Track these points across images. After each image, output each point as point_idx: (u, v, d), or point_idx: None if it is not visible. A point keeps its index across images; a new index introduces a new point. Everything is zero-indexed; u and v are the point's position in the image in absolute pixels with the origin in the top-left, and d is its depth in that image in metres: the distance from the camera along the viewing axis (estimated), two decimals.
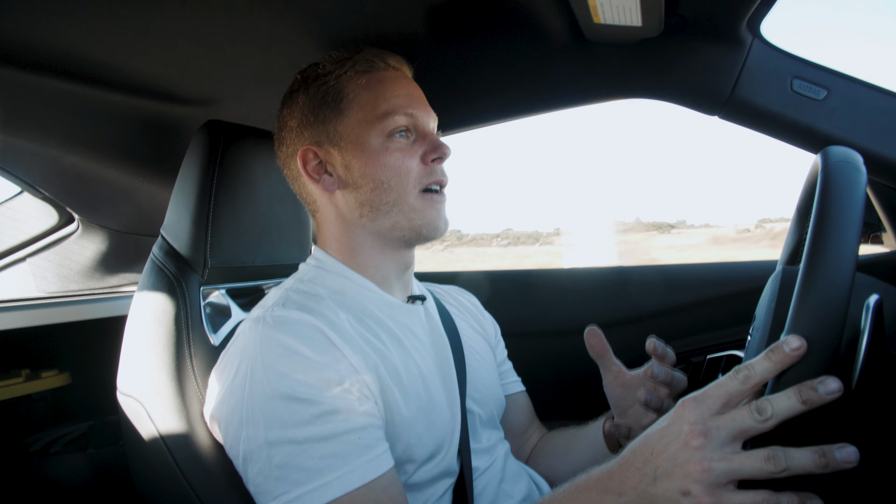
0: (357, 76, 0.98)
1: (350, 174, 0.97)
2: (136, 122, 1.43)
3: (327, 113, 0.98)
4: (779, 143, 1.16)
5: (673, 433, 0.64)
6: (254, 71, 1.27)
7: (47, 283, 1.86)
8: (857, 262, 0.63)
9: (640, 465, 0.66)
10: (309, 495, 0.76)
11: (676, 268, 1.62)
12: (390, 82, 0.99)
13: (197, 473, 0.97)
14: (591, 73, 1.28)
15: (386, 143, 0.96)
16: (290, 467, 0.78)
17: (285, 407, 0.79)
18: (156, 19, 1.04)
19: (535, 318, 1.72)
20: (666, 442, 0.64)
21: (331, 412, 0.80)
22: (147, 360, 1.04)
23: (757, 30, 1.12)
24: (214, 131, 1.09)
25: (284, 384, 0.80)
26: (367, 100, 0.97)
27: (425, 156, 0.97)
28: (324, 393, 0.80)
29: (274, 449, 0.78)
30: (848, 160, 0.71)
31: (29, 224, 1.76)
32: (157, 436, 1.01)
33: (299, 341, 0.84)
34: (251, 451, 0.80)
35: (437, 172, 0.98)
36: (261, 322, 0.86)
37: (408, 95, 0.99)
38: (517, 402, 1.24)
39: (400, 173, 0.96)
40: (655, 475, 0.64)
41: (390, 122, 0.95)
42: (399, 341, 0.96)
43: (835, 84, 1.10)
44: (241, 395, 0.82)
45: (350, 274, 1.00)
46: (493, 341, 1.25)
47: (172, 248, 1.11)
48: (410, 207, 0.96)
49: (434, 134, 1.01)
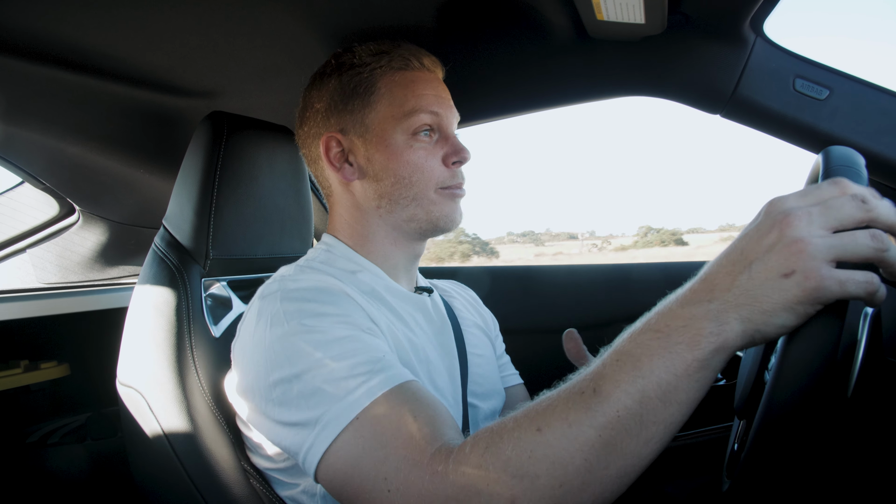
0: (391, 72, 1.00)
1: (371, 166, 0.99)
2: (138, 114, 1.43)
3: (357, 103, 0.99)
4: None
5: (765, 225, 0.58)
6: (257, 64, 1.27)
7: (47, 273, 1.86)
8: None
9: (730, 267, 0.59)
10: (348, 406, 0.74)
11: (677, 265, 1.62)
12: (422, 82, 1.00)
13: (197, 464, 0.97)
14: (594, 70, 1.28)
15: (410, 140, 0.98)
16: (322, 389, 0.76)
17: (307, 339, 0.78)
18: (160, 11, 1.04)
19: (535, 314, 1.72)
20: (758, 235, 0.58)
21: (352, 338, 0.80)
22: (147, 350, 1.04)
23: (760, 28, 1.12)
24: (218, 122, 1.09)
25: (304, 322, 0.80)
26: (397, 96, 0.98)
27: (446, 158, 0.99)
28: (344, 326, 0.81)
29: (303, 380, 0.77)
30: (848, 160, 0.71)
31: (30, 214, 1.76)
32: (157, 426, 1.01)
33: (319, 294, 0.85)
34: (283, 392, 0.78)
35: (458, 176, 1.01)
36: (279, 288, 0.86)
37: (436, 96, 1.00)
38: (516, 395, 1.24)
39: (422, 171, 0.98)
40: (749, 266, 0.58)
41: (416, 120, 0.97)
42: (407, 325, 0.97)
43: (837, 84, 1.10)
44: (262, 346, 0.81)
45: (360, 260, 1.01)
46: (493, 336, 1.25)
47: (174, 239, 1.11)
48: (430, 201, 0.99)
49: (456, 137, 1.02)
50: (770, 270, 0.56)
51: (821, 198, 0.58)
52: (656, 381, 0.60)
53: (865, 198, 0.57)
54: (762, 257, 0.57)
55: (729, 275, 0.59)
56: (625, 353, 0.63)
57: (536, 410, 0.66)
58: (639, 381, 0.60)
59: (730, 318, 0.58)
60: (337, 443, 0.73)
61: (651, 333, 0.61)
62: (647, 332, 0.62)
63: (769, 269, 0.56)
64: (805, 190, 0.59)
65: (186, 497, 0.98)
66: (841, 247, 0.55)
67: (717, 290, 0.59)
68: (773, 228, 0.57)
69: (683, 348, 0.59)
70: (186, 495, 0.98)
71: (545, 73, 1.33)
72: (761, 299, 0.57)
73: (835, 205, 0.57)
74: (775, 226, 0.57)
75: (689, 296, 0.61)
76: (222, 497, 0.97)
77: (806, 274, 0.55)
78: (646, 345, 0.61)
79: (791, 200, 0.58)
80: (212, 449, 0.97)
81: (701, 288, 0.60)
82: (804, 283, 0.55)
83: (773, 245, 0.57)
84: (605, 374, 0.63)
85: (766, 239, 0.57)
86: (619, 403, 0.61)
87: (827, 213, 0.56)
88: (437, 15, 1.16)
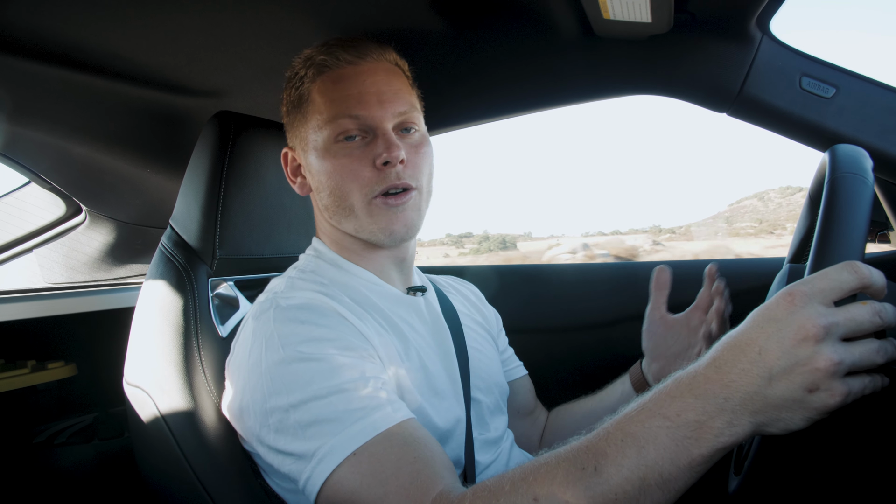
0: (318, 78, 0.96)
1: (314, 179, 0.99)
2: (145, 113, 1.43)
3: (296, 116, 1.00)
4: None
5: (785, 329, 0.58)
6: (263, 64, 1.27)
7: (54, 273, 1.87)
8: (864, 261, 0.63)
9: (747, 365, 0.59)
10: (344, 442, 0.75)
11: (684, 264, 1.61)
12: (343, 82, 0.94)
13: (204, 464, 0.97)
14: (600, 69, 1.28)
15: (334, 148, 0.94)
16: (319, 422, 0.77)
17: (305, 368, 0.79)
18: (167, 11, 1.04)
19: (542, 313, 1.72)
20: (778, 339, 0.58)
21: (350, 366, 0.80)
22: (155, 350, 1.04)
23: (766, 27, 1.12)
24: (225, 122, 1.09)
25: (300, 349, 0.80)
26: (319, 104, 0.95)
27: (376, 159, 0.92)
28: (341, 353, 0.81)
29: (300, 410, 0.78)
30: (856, 161, 0.71)
31: (36, 214, 1.76)
32: (165, 426, 1.01)
33: (312, 315, 0.85)
34: (280, 420, 0.79)
35: (391, 177, 0.93)
36: (271, 305, 0.87)
37: (358, 94, 0.93)
38: (522, 385, 1.25)
39: (347, 180, 0.93)
40: (770, 375, 0.57)
41: (336, 127, 0.93)
42: (400, 331, 0.97)
43: (843, 82, 1.09)
44: (258, 371, 0.82)
45: (348, 265, 1.01)
46: (495, 331, 1.26)
47: (182, 239, 1.11)
48: (364, 214, 0.94)
49: (388, 134, 0.93)
50: (793, 385, 0.57)
51: (847, 316, 0.58)
52: (659, 471, 0.61)
53: (881, 311, 0.58)
54: (787, 371, 0.57)
55: (746, 375, 0.59)
56: (630, 434, 0.63)
57: (535, 476, 0.66)
58: (641, 468, 0.61)
59: (743, 421, 0.59)
60: (334, 476, 0.75)
61: (660, 419, 0.62)
62: (656, 417, 0.62)
63: (793, 384, 0.57)
64: (825, 289, 0.59)
65: (194, 497, 0.98)
66: (859, 361, 0.57)
67: (733, 389, 0.59)
68: (794, 335, 0.57)
69: (691, 443, 0.60)
70: (194, 495, 0.98)
71: (550, 71, 1.33)
72: (779, 407, 0.58)
73: (857, 318, 0.58)
74: (798, 332, 0.57)
75: (702, 385, 0.61)
76: (230, 497, 0.96)
77: (831, 392, 0.56)
78: (653, 431, 0.61)
79: (812, 304, 0.58)
80: (219, 449, 0.97)
81: (716, 379, 0.60)
82: (827, 400, 0.57)
83: (795, 353, 0.57)
84: (608, 453, 0.63)
85: (786, 343, 0.58)
86: (618, 488, 0.62)
87: (848, 326, 0.58)
88: (441, 13, 1.16)
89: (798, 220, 0.99)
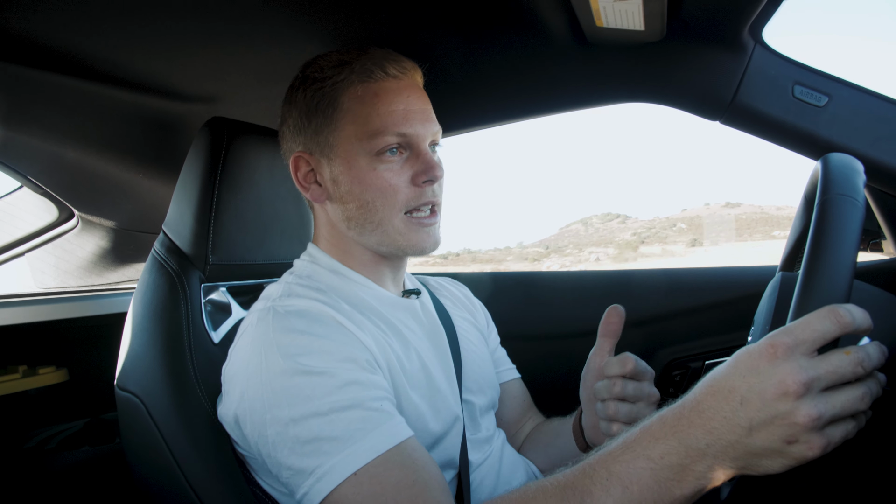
0: (354, 86, 0.94)
1: (337, 189, 0.96)
2: (138, 119, 1.43)
3: (320, 121, 0.96)
4: None
5: (766, 382, 0.59)
6: (257, 70, 1.27)
7: (46, 278, 1.86)
8: (856, 270, 0.64)
9: (728, 413, 0.60)
10: (342, 463, 0.75)
11: (677, 272, 1.62)
12: (387, 95, 0.94)
13: (196, 471, 0.97)
14: (594, 77, 1.29)
15: (374, 162, 0.93)
16: (318, 440, 0.77)
17: (306, 382, 0.79)
18: (160, 17, 1.04)
19: (536, 320, 1.72)
20: (758, 390, 0.59)
21: (351, 382, 0.80)
22: (146, 356, 1.04)
23: (759, 35, 1.12)
24: (218, 128, 1.09)
25: (301, 361, 0.80)
26: (359, 114, 0.94)
27: (416, 177, 0.94)
28: (342, 366, 0.81)
29: (300, 425, 0.77)
30: (847, 180, 0.71)
31: (28, 219, 1.76)
32: (157, 433, 1.01)
33: (311, 323, 0.85)
34: (278, 433, 0.79)
35: (427, 194, 0.95)
36: (270, 312, 0.87)
37: (404, 111, 0.94)
38: (511, 390, 1.24)
39: (386, 194, 0.93)
40: (751, 426, 0.59)
41: (380, 141, 0.92)
42: (399, 332, 0.97)
43: (836, 91, 1.10)
44: (258, 381, 0.81)
45: (344, 270, 1.01)
46: (486, 330, 1.26)
47: (174, 245, 1.11)
48: (395, 230, 0.95)
49: (428, 153, 0.96)
50: (773, 437, 0.59)
51: (828, 368, 0.59)
52: None
53: (863, 360, 0.59)
54: (767, 423, 0.59)
55: (728, 423, 0.60)
56: (615, 474, 0.65)
57: None
58: None
59: (724, 465, 0.62)
60: (333, 495, 0.75)
61: (644, 461, 0.64)
62: (640, 458, 0.64)
63: (773, 435, 0.59)
64: (807, 340, 0.59)
65: (185, 503, 0.98)
66: (840, 413, 0.58)
67: (716, 436, 0.61)
68: (774, 387, 0.58)
69: (673, 484, 0.63)
70: (185, 501, 0.97)
71: (544, 79, 1.33)
72: (759, 455, 0.60)
73: (838, 370, 0.58)
74: (778, 385, 0.58)
75: (686, 430, 0.63)
76: (221, 503, 0.96)
77: (810, 445, 0.58)
78: (638, 473, 0.64)
79: (794, 357, 0.59)
80: (211, 455, 0.97)
81: (699, 424, 0.62)
82: (806, 452, 0.58)
83: (775, 405, 0.58)
84: (594, 492, 0.66)
85: (767, 395, 0.59)
86: None
87: (829, 379, 0.59)
88: (437, 21, 1.16)
89: (792, 224, 0.99)
